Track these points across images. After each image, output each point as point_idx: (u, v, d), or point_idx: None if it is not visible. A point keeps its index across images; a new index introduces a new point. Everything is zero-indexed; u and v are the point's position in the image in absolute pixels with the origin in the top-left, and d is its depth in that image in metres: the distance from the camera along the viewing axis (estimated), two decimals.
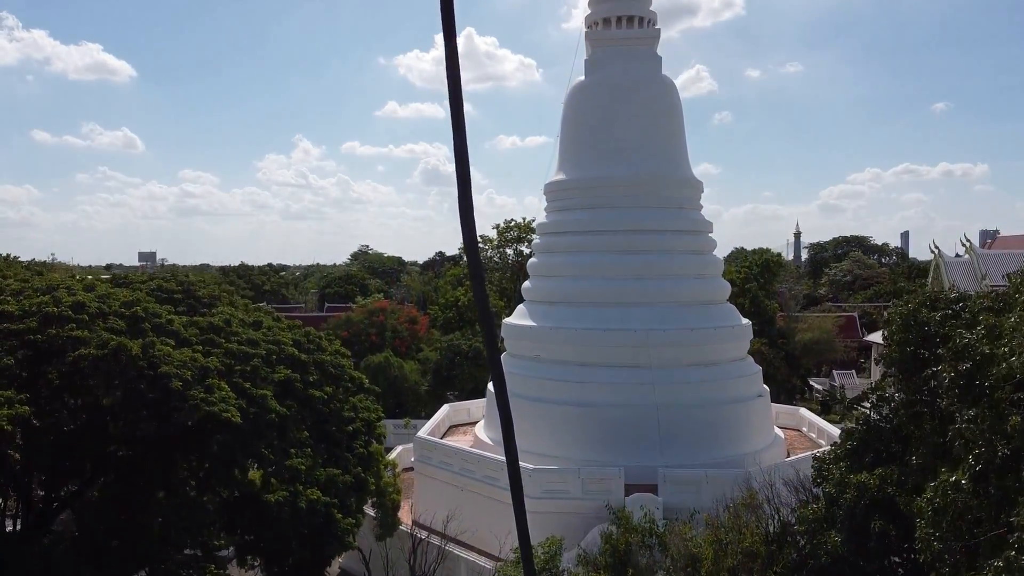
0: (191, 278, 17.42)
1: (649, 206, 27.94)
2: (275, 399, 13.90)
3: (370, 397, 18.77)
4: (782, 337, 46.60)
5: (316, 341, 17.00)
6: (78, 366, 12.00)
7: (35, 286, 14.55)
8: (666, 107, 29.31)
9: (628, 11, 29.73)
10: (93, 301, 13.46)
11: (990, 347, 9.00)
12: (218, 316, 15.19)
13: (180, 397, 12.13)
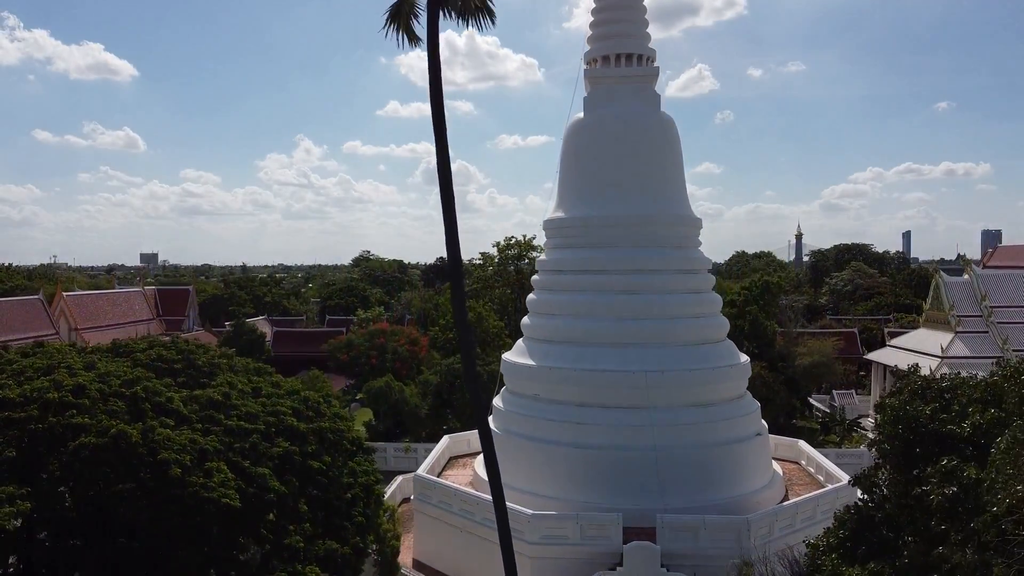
0: (191, 345, 17.53)
1: (648, 245, 28.07)
2: (274, 475, 14.03)
3: (369, 457, 18.89)
4: (782, 360, 46.67)
5: (315, 407, 17.11)
6: (79, 456, 12.14)
7: (36, 364, 14.67)
8: (665, 145, 29.43)
9: (627, 49, 29.84)
10: (93, 382, 13.60)
11: (976, 472, 9.11)
12: (217, 389, 15.32)
13: (179, 484, 12.26)
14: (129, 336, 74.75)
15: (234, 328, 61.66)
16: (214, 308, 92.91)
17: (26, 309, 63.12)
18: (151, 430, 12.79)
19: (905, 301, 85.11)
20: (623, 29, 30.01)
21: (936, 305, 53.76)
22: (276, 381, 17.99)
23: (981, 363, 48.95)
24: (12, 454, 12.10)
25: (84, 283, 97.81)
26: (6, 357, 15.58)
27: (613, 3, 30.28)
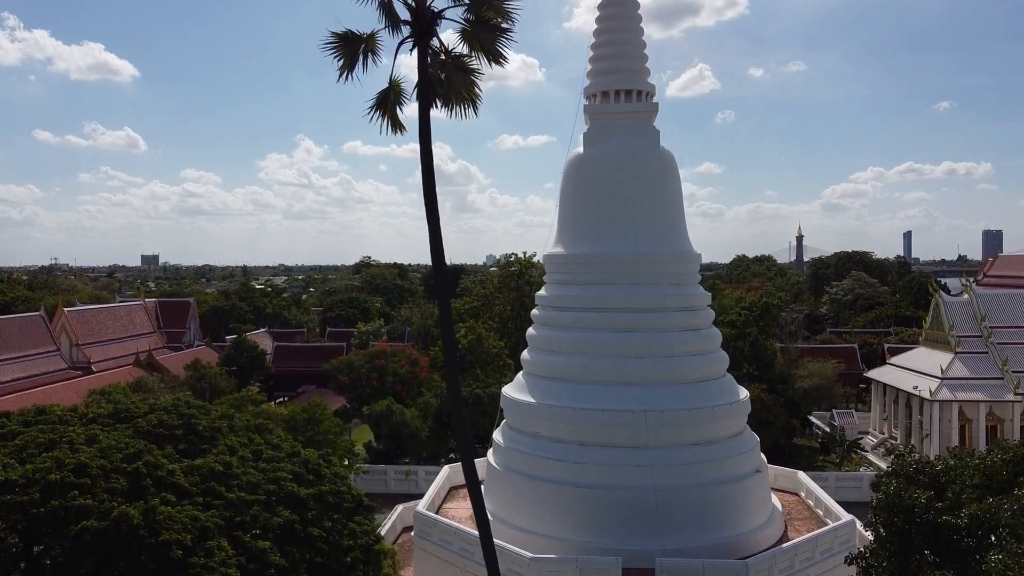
0: (192, 408, 17.57)
1: (648, 283, 28.13)
2: (275, 547, 14.10)
3: (369, 515, 18.97)
4: (782, 382, 46.74)
5: (315, 469, 17.18)
6: (81, 540, 12.22)
7: (38, 439, 14.75)
8: (664, 182, 29.50)
9: (627, 85, 29.91)
10: (95, 459, 13.67)
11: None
12: (218, 458, 15.37)
13: (181, 566, 12.35)
14: (129, 350, 74.97)
15: (235, 346, 61.77)
16: (215, 319, 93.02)
17: (27, 326, 63.22)
18: (152, 510, 12.87)
19: (906, 313, 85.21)
20: (623, 64, 30.07)
21: (936, 324, 53.84)
22: (276, 442, 18.04)
23: (981, 384, 49.15)
24: (14, 540, 12.18)
25: (86, 293, 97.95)
26: (8, 428, 15.65)
27: (613, 39, 30.37)
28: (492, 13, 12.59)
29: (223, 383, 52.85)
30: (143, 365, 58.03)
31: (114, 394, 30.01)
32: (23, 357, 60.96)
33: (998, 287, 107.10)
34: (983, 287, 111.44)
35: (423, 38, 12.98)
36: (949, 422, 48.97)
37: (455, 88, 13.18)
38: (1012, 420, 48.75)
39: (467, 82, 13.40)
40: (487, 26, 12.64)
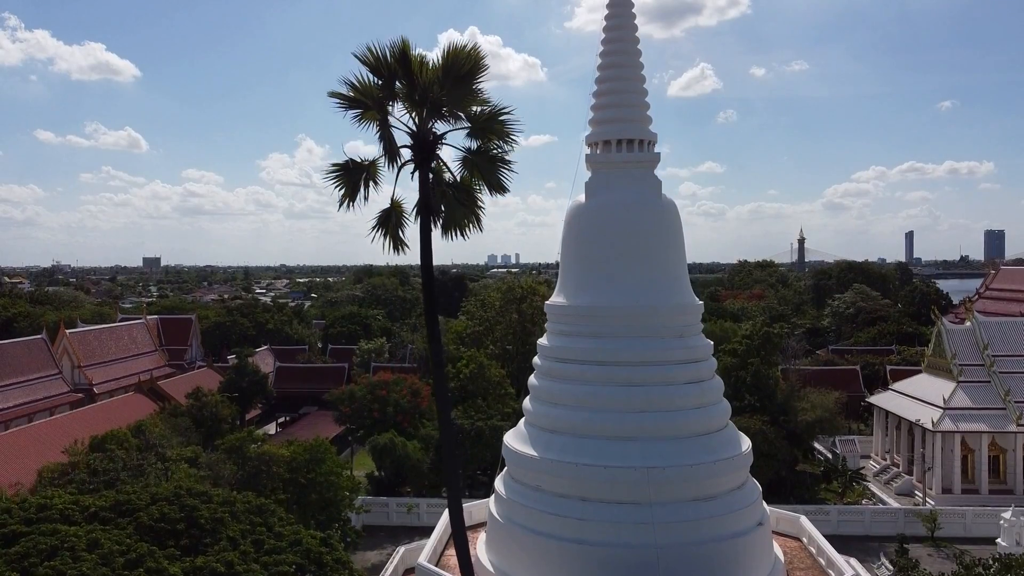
0: (194, 499, 17.54)
1: (650, 336, 28.10)
2: None
3: None
4: (784, 414, 46.69)
5: (318, 558, 17.17)
6: None
7: (39, 545, 14.73)
8: (666, 233, 29.47)
9: (628, 135, 29.90)
10: (97, 568, 13.66)
11: None
12: (219, 557, 15.35)
13: None
14: (131, 370, 74.93)
15: (236, 370, 61.81)
16: (217, 335, 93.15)
17: (29, 350, 63.38)
18: None
19: (907, 329, 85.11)
20: (625, 114, 30.08)
21: (938, 351, 53.75)
22: (279, 529, 18.00)
23: (983, 414, 49.07)
24: None
25: (88, 310, 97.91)
26: (9, 526, 15.64)
27: (615, 87, 30.36)
28: (493, 136, 12.63)
29: (225, 411, 52.88)
30: (145, 391, 58.06)
31: (113, 447, 29.95)
32: (26, 381, 61.14)
33: (1000, 300, 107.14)
34: (985, 299, 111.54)
35: (424, 163, 13.00)
36: (951, 452, 48.93)
37: (456, 219, 13.23)
38: (1015, 451, 48.73)
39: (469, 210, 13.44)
40: (488, 157, 12.67)
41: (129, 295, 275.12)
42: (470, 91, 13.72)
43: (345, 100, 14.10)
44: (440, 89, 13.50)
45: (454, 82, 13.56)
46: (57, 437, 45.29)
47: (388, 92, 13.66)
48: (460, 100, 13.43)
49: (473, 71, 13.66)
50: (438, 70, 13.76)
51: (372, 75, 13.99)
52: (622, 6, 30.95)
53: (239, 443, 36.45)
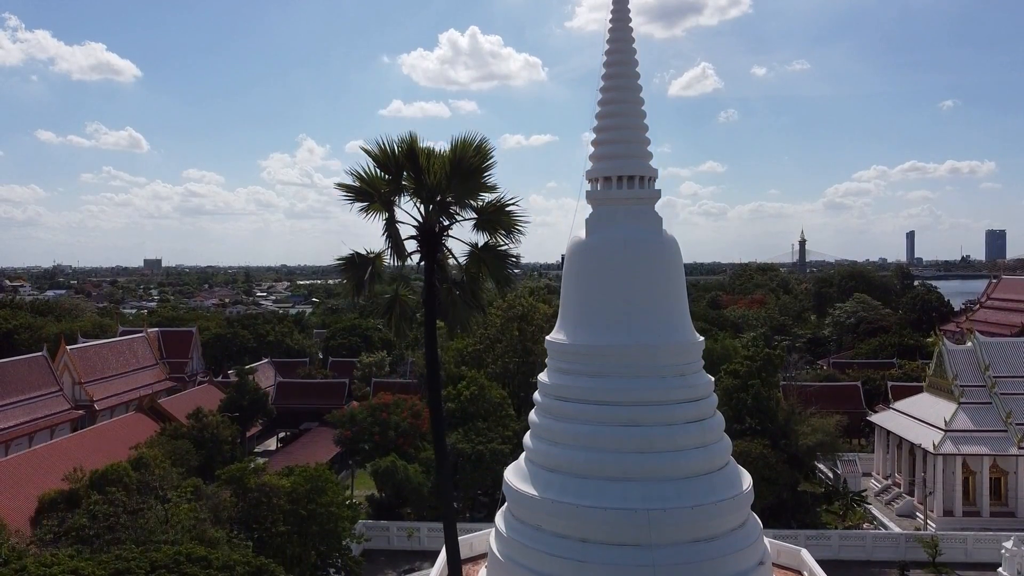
0: (193, 566, 17.49)
1: (650, 375, 28.03)
2: None
3: None
4: (785, 437, 46.66)
5: None
6: None
7: None
8: (667, 270, 29.41)
9: (629, 171, 29.82)
10: None
11: None
12: None
13: None
14: (132, 385, 74.98)
15: (237, 388, 61.82)
16: (218, 347, 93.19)
17: (30, 368, 63.41)
18: None
19: (909, 342, 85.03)
20: (625, 150, 30.02)
21: (939, 372, 53.70)
22: None
23: (984, 437, 49.04)
24: None
25: (89, 321, 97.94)
26: None
27: (615, 123, 30.30)
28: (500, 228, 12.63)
29: (225, 432, 52.93)
30: (146, 410, 58.07)
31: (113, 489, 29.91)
32: (27, 400, 61.16)
33: (1001, 310, 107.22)
34: (987, 309, 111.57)
35: (429, 255, 13.02)
36: (953, 474, 48.91)
37: (461, 319, 13.25)
38: (1016, 473, 48.69)
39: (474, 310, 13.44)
40: (496, 253, 12.68)
41: (130, 299, 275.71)
42: (478, 186, 13.76)
43: (352, 192, 14.11)
44: (448, 185, 13.53)
45: (462, 178, 13.60)
46: (57, 461, 45.32)
47: (395, 187, 13.69)
48: (467, 195, 13.45)
49: (481, 167, 13.71)
50: (446, 164, 13.77)
51: (379, 170, 13.99)
52: (623, 42, 30.91)
53: (240, 474, 36.43)
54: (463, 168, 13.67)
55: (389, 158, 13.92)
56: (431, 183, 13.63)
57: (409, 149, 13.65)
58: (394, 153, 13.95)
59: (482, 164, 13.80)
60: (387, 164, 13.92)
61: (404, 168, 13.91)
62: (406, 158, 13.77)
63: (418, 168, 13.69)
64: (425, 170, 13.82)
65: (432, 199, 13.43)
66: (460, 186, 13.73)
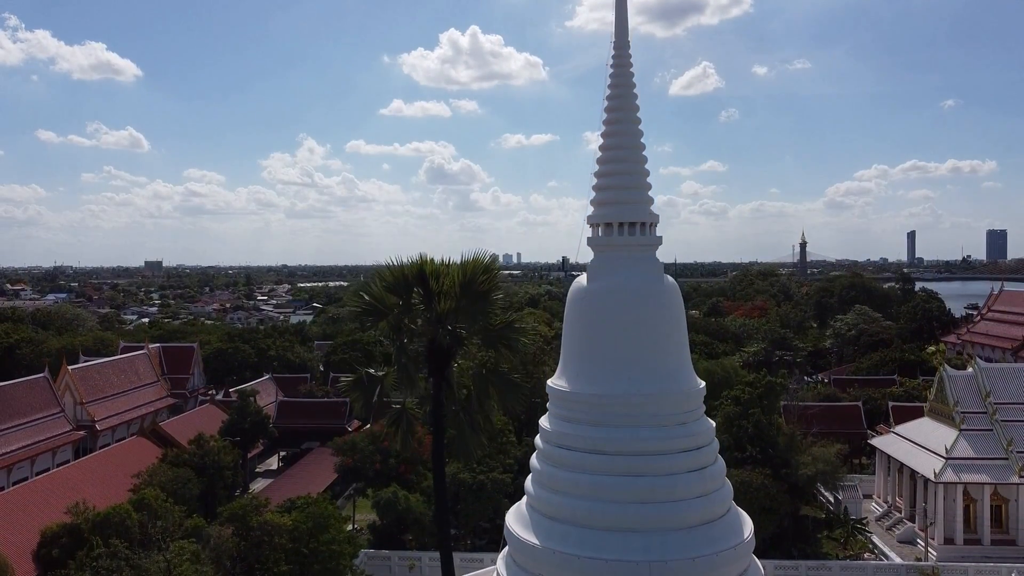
0: None
1: (651, 425, 28.01)
2: None
3: None
4: (786, 466, 46.72)
5: None
6: None
7: None
8: (667, 318, 29.38)
9: (630, 217, 29.78)
10: None
11: None
12: None
13: None
14: (134, 403, 74.98)
15: (239, 411, 61.90)
16: (219, 363, 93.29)
17: (32, 389, 63.58)
18: None
19: (910, 357, 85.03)
20: (626, 196, 29.97)
21: (940, 398, 53.72)
22: None
23: (985, 465, 49.09)
24: None
25: (91, 336, 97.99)
26: None
27: (616, 169, 30.27)
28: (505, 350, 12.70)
29: (226, 458, 53.04)
30: (148, 434, 58.17)
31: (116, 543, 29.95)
32: (29, 422, 61.31)
33: (1001, 323, 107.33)
34: (988, 321, 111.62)
35: (437, 373, 13.09)
36: (954, 502, 48.96)
37: (466, 443, 13.33)
38: (1016, 501, 48.74)
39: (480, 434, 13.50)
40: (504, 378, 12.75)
41: (131, 304, 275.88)
42: (487, 307, 13.86)
43: (363, 309, 14.21)
44: (457, 307, 13.62)
45: (471, 299, 13.70)
46: (59, 492, 45.41)
47: (405, 309, 13.77)
48: (476, 318, 13.53)
49: (490, 289, 13.80)
50: (456, 284, 13.86)
51: (390, 292, 14.10)
52: (624, 87, 30.89)
53: (242, 511, 36.51)
54: (472, 291, 13.80)
55: (400, 280, 14.02)
56: (441, 309, 13.73)
57: (419, 271, 13.75)
58: (405, 276, 14.04)
59: (491, 287, 13.89)
60: (398, 287, 14.03)
61: (414, 290, 13.96)
62: (417, 280, 13.87)
63: (428, 291, 13.81)
64: (435, 293, 13.92)
65: (441, 322, 13.48)
66: (469, 308, 13.84)
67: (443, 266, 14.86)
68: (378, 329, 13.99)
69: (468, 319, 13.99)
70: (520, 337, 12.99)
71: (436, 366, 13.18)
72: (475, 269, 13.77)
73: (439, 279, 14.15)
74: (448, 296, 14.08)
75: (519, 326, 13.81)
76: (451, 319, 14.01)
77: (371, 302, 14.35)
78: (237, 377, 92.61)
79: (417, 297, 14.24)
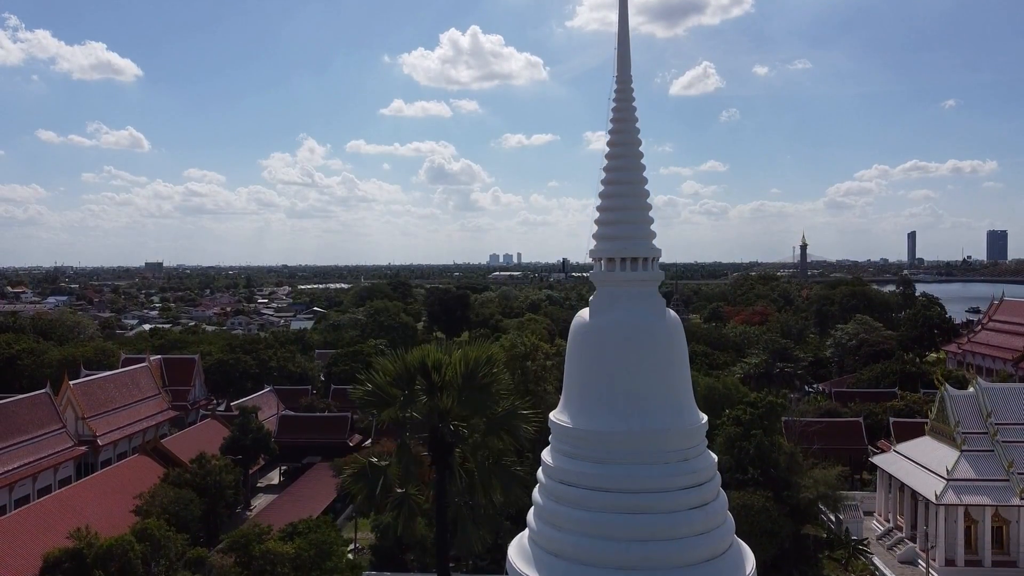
0: None
1: (653, 462, 28.07)
2: None
3: None
4: (787, 488, 46.73)
5: None
6: None
7: None
8: (670, 353, 29.46)
9: (632, 253, 29.89)
10: None
11: None
12: None
13: None
14: (135, 417, 75.10)
15: (240, 428, 61.96)
16: (220, 374, 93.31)
17: (34, 406, 63.62)
18: None
19: (911, 369, 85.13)
20: (628, 231, 30.11)
21: (941, 418, 53.74)
22: None
23: (986, 486, 49.11)
24: None
25: (92, 347, 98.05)
26: None
27: (619, 204, 30.40)
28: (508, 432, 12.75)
29: (228, 477, 53.11)
30: (150, 452, 58.23)
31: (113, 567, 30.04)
32: (31, 439, 61.35)
33: (1002, 332, 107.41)
34: (988, 331, 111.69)
35: (440, 462, 13.16)
36: (955, 523, 48.99)
37: (468, 539, 13.40)
38: (1018, 522, 48.76)
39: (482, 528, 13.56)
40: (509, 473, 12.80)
41: (132, 307, 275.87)
42: (488, 400, 13.95)
43: (366, 400, 14.31)
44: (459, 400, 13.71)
45: (472, 392, 13.79)
46: (61, 514, 45.44)
47: (408, 400, 13.84)
48: (478, 409, 13.61)
49: (491, 381, 13.86)
50: (458, 376, 13.94)
51: (393, 385, 14.19)
52: (626, 122, 31.02)
53: (244, 540, 36.57)
54: (473, 385, 13.87)
55: (402, 374, 14.13)
56: (443, 405, 13.80)
57: (421, 363, 13.86)
58: (407, 369, 14.15)
59: (492, 380, 13.98)
60: (400, 380, 14.13)
61: (417, 383, 14.05)
62: (419, 372, 13.98)
63: (431, 384, 13.90)
64: (438, 386, 14.01)
65: (444, 418, 13.55)
66: (471, 400, 13.92)
67: (445, 356, 14.93)
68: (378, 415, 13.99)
69: (470, 408, 14.06)
70: (523, 424, 13.04)
71: (439, 455, 13.25)
72: (476, 361, 13.86)
73: (441, 371, 14.23)
74: (450, 388, 14.17)
75: (522, 412, 13.85)
76: (454, 414, 14.10)
77: (375, 391, 14.44)
78: (238, 388, 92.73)
79: (421, 385, 14.33)
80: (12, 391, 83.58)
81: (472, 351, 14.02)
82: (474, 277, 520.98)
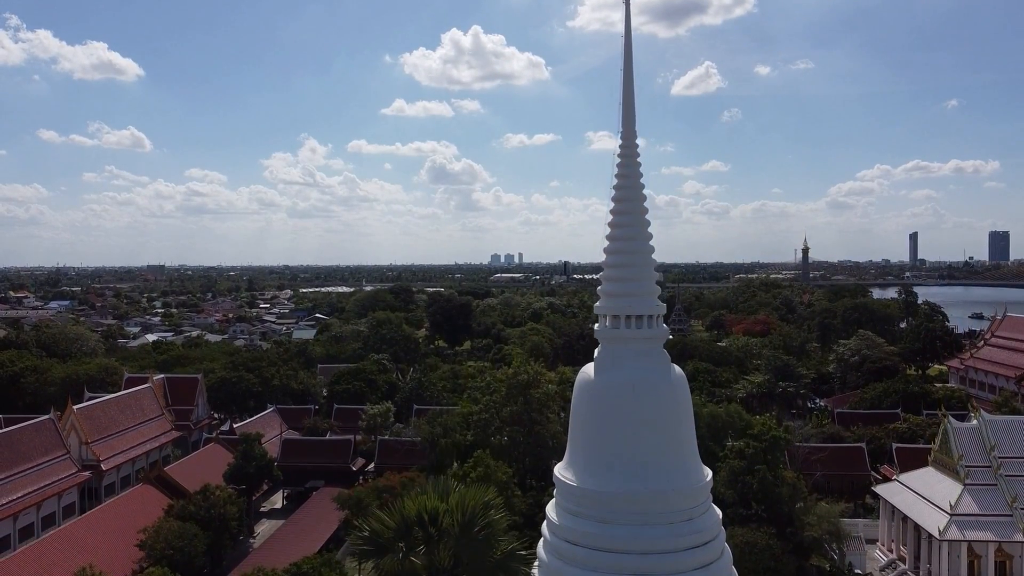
0: None
1: (657, 523, 28.10)
2: None
3: None
4: (790, 525, 46.76)
5: None
6: None
7: None
8: (676, 411, 29.48)
9: (638, 310, 29.94)
10: None
11: None
12: None
13: None
14: (138, 439, 75.07)
15: (243, 455, 61.98)
16: (223, 392, 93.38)
17: (38, 433, 63.73)
18: None
19: (914, 389, 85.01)
20: (633, 288, 30.18)
21: (944, 450, 53.70)
22: None
23: (990, 521, 49.09)
24: None
25: (95, 365, 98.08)
26: None
27: (624, 261, 30.47)
28: None
29: (232, 509, 53.18)
30: (154, 480, 58.28)
31: None
32: (35, 467, 61.43)
33: (1004, 349, 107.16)
34: (991, 347, 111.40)
35: None
36: (958, 557, 48.97)
37: None
38: (1021, 557, 48.73)
39: None
40: None
41: (134, 313, 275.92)
42: (485, 543, 13.96)
43: (366, 550, 14.33)
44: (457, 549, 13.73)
45: (469, 540, 13.81)
46: (67, 551, 45.52)
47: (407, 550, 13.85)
48: (475, 554, 13.62)
49: (489, 529, 13.87)
50: (456, 524, 13.96)
51: (392, 537, 14.22)
52: (630, 177, 31.11)
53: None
54: (471, 534, 13.89)
55: (400, 525, 14.16)
56: (440, 561, 13.80)
57: (419, 517, 13.89)
58: (404, 520, 14.18)
59: (489, 526, 14.02)
60: (399, 531, 14.16)
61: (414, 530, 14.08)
62: (417, 525, 14.02)
63: (428, 535, 13.90)
64: (435, 540, 14.03)
65: (441, 574, 13.57)
66: (468, 547, 13.94)
67: (443, 504, 14.94)
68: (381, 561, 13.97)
69: (468, 555, 14.08)
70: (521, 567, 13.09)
71: None
72: (473, 510, 13.89)
73: (438, 522, 14.27)
74: (448, 536, 14.19)
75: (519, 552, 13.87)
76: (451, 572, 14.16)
77: (373, 539, 14.49)
78: (241, 406, 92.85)
79: (418, 535, 14.39)
80: (15, 411, 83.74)
81: (470, 496, 14.02)
82: (476, 279, 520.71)
